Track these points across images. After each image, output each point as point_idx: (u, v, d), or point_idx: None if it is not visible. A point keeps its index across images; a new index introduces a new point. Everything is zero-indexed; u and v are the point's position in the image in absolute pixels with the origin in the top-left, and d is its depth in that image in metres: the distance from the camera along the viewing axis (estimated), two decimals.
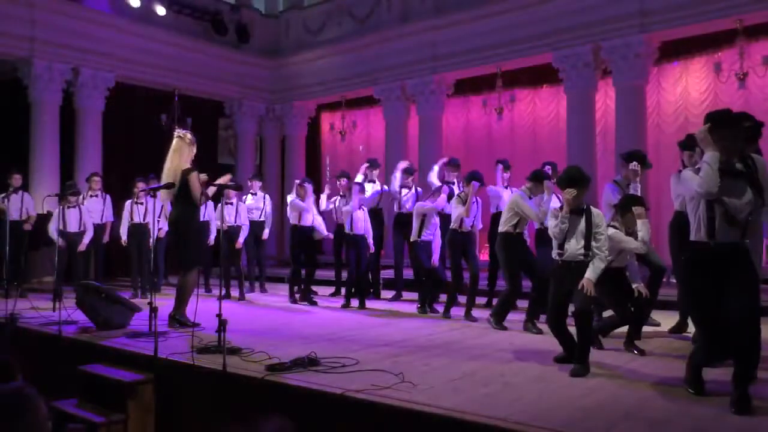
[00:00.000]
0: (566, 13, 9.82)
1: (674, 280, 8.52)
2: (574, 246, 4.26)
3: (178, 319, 5.75)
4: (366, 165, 8.71)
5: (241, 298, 8.40)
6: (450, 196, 6.98)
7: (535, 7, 10.13)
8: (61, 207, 8.13)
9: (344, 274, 8.11)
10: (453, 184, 7.63)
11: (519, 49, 10.47)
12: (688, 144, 4.87)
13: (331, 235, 8.47)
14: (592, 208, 4.37)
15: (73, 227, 8.23)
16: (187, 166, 5.81)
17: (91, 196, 8.90)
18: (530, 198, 5.82)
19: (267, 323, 6.26)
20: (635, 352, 4.64)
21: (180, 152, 5.81)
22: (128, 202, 8.71)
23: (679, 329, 5.48)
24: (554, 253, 4.41)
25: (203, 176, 5.90)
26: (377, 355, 4.52)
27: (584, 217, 4.28)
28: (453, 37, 11.16)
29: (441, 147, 11.78)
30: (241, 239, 8.55)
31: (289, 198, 8.21)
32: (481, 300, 7.90)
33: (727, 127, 3.38)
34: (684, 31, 9.17)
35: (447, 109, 12.34)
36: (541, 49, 10.21)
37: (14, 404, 1.82)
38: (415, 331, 5.75)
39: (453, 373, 3.98)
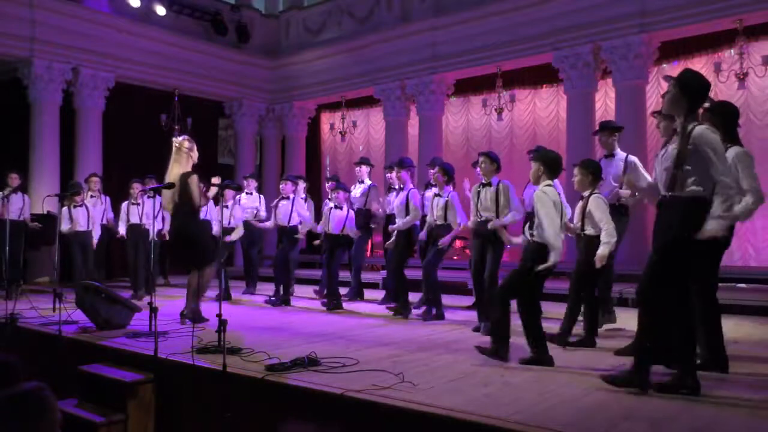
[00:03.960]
0: (566, 13, 9.82)
1: None
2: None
3: (186, 315, 5.82)
4: (367, 169, 8.69)
5: (227, 298, 8.30)
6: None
7: (535, 7, 10.13)
8: (68, 207, 8.14)
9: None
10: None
11: (519, 49, 10.47)
12: None
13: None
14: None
15: (82, 226, 8.23)
16: (187, 170, 5.85)
17: (90, 197, 8.89)
18: None
19: (267, 323, 6.26)
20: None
21: (179, 162, 5.89)
22: (125, 204, 8.73)
23: None
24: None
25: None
26: (377, 355, 4.51)
27: None
28: (453, 37, 11.16)
29: (441, 147, 11.80)
30: (233, 237, 8.29)
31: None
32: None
33: None
34: (684, 31, 9.18)
35: (447, 109, 12.35)
36: (541, 49, 10.21)
37: (33, 404, 1.83)
38: (415, 331, 5.75)
39: (453, 373, 3.98)
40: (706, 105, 4.02)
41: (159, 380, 4.38)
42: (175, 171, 5.85)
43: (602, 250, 4.75)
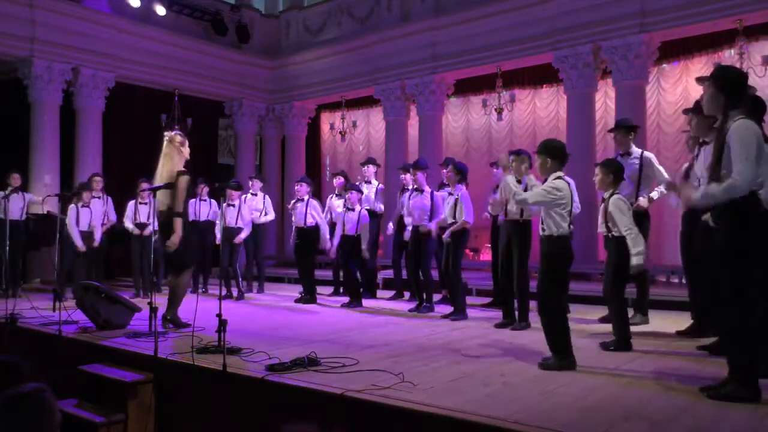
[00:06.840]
0: (566, 13, 9.82)
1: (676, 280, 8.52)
2: None
3: (170, 319, 5.74)
4: (374, 169, 8.82)
5: (240, 297, 8.39)
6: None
7: (535, 7, 10.13)
8: (76, 205, 8.13)
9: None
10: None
11: (519, 49, 10.47)
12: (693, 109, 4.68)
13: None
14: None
15: (83, 226, 8.23)
16: (181, 168, 5.76)
17: (93, 197, 8.86)
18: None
19: (267, 323, 6.26)
20: None
21: (171, 156, 5.76)
22: (131, 203, 8.71)
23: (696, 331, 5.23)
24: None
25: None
26: (377, 355, 4.52)
27: None
28: (453, 37, 11.16)
29: (441, 147, 11.80)
30: (242, 236, 8.47)
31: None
32: (478, 300, 7.92)
33: None
34: (684, 31, 9.17)
35: (447, 109, 12.34)
36: (541, 49, 10.21)
37: (34, 404, 1.84)
38: (415, 331, 5.75)
39: (453, 373, 3.98)
40: None
41: (159, 380, 4.38)
42: (167, 167, 5.72)
43: (634, 262, 4.55)
